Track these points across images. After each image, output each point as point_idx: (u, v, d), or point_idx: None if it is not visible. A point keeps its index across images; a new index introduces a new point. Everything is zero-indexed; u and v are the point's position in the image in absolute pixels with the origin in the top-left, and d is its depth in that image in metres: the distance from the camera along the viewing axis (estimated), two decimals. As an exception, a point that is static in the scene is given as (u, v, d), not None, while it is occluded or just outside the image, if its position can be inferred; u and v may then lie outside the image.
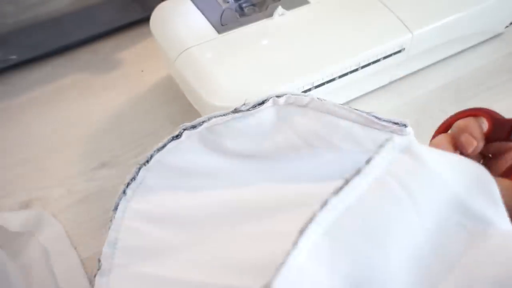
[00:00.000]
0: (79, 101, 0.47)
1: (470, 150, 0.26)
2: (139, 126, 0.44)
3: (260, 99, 0.30)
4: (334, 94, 0.41)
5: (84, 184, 0.40)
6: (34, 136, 0.44)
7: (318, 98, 0.29)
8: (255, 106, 0.30)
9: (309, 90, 0.38)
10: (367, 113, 0.28)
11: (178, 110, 0.45)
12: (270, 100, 0.30)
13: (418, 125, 0.42)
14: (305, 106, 0.30)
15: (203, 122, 0.30)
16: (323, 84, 0.38)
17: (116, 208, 0.30)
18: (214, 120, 0.30)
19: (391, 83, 0.45)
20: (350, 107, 0.29)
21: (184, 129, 0.30)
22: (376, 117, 0.28)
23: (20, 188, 0.40)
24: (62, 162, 0.41)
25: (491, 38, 0.49)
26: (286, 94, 0.30)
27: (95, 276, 0.28)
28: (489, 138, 0.27)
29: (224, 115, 0.30)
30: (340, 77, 0.39)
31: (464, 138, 0.26)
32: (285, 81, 0.37)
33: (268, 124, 0.31)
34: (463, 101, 0.44)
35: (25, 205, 0.38)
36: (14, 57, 0.48)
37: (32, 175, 0.41)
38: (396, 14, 0.41)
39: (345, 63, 0.38)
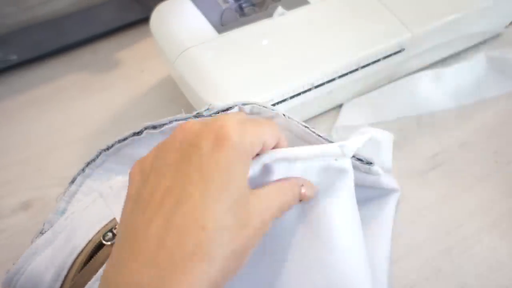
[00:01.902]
0: (79, 101, 0.47)
1: None
2: (139, 126, 0.44)
3: (225, 105, 0.30)
4: (333, 95, 0.41)
5: (84, 184, 0.40)
6: (34, 136, 0.44)
7: (284, 115, 0.29)
8: (218, 112, 0.29)
9: (309, 90, 0.38)
10: (324, 137, 0.29)
11: (178, 110, 0.45)
12: (235, 108, 0.30)
13: (418, 123, 0.42)
14: (270, 119, 0.30)
15: (163, 124, 0.31)
16: (323, 84, 0.38)
17: (72, 182, 0.33)
18: (175, 123, 0.30)
19: (390, 83, 0.45)
20: (312, 129, 0.29)
21: (146, 128, 0.31)
22: (329, 141, 0.29)
23: (20, 188, 0.40)
24: (62, 162, 0.41)
25: (491, 38, 0.49)
26: (252, 104, 0.30)
27: (36, 238, 0.29)
28: None
29: (186, 118, 0.30)
30: (340, 77, 0.39)
31: None
32: (285, 81, 0.37)
33: None
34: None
35: (25, 205, 0.38)
36: (14, 57, 0.48)
37: (32, 175, 0.41)
38: (396, 14, 0.41)
39: (345, 63, 0.38)
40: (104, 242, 0.28)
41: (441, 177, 0.38)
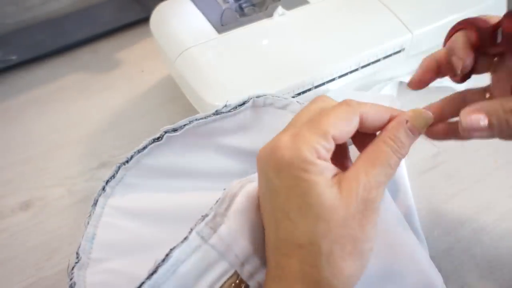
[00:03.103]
0: (79, 101, 0.47)
1: (459, 70, 0.26)
2: (139, 126, 0.44)
3: (240, 100, 0.31)
4: (333, 95, 0.41)
5: (84, 184, 0.40)
6: (34, 136, 0.44)
7: (297, 102, 0.30)
8: (236, 108, 0.30)
9: (309, 90, 0.38)
10: None
11: (178, 110, 0.45)
12: (250, 101, 0.31)
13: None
14: (283, 108, 0.31)
15: (184, 125, 0.31)
16: (323, 84, 0.38)
17: (95, 204, 0.32)
18: (195, 122, 0.30)
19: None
20: None
21: (166, 132, 0.31)
22: None
23: (20, 188, 0.40)
24: (62, 162, 0.42)
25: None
26: (265, 95, 0.31)
27: (73, 268, 0.28)
28: (480, 47, 0.26)
29: (205, 117, 0.30)
30: (340, 77, 0.39)
31: (452, 61, 0.26)
32: (285, 81, 0.37)
33: (247, 124, 0.31)
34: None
35: (25, 205, 0.38)
36: (14, 57, 0.48)
37: (32, 175, 0.41)
38: (396, 14, 0.41)
39: (345, 63, 0.38)
40: None
41: (441, 177, 0.38)
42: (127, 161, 0.31)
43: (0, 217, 0.38)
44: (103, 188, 0.32)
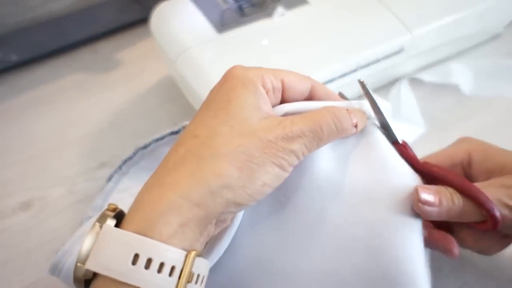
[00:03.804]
0: (79, 101, 0.47)
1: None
2: (139, 126, 0.44)
3: None
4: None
5: (84, 184, 0.40)
6: (34, 136, 0.44)
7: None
8: None
9: (309, 90, 0.38)
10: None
11: (178, 110, 0.45)
12: None
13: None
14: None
15: None
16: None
17: (109, 179, 0.33)
18: None
19: (390, 83, 0.45)
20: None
21: (184, 127, 0.31)
22: None
23: (20, 188, 0.40)
24: (62, 162, 0.41)
25: (490, 38, 0.49)
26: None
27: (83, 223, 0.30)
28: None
29: None
30: (340, 77, 0.39)
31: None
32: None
33: None
34: (464, 100, 0.45)
35: (26, 205, 0.38)
36: (14, 57, 0.48)
37: (32, 175, 0.41)
38: (395, 15, 0.41)
39: (345, 63, 0.39)
40: None
41: (441, 177, 0.38)
42: (145, 147, 0.32)
43: (0, 217, 0.38)
44: (120, 167, 0.33)
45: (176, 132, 0.31)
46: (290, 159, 0.22)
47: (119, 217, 0.21)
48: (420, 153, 0.40)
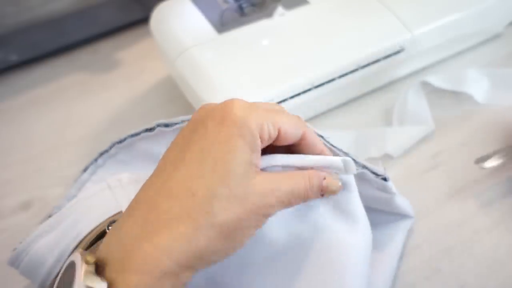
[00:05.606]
0: (79, 101, 0.47)
1: None
2: (139, 126, 0.44)
3: None
4: (333, 95, 0.41)
5: (84, 184, 0.40)
6: (34, 136, 0.44)
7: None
8: None
9: (309, 90, 0.38)
10: (338, 148, 0.30)
11: (178, 110, 0.45)
12: None
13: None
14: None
15: (176, 123, 0.31)
16: (323, 84, 0.38)
17: (84, 170, 0.34)
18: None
19: (390, 83, 0.45)
20: (327, 139, 0.30)
21: (158, 125, 0.32)
22: None
23: (20, 188, 0.40)
24: (62, 162, 0.42)
25: (490, 38, 0.49)
26: None
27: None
28: None
29: None
30: (340, 77, 0.39)
31: None
32: (285, 81, 0.37)
33: None
34: (464, 99, 0.44)
35: (25, 205, 0.38)
36: (14, 57, 0.48)
37: (32, 175, 0.41)
38: (395, 14, 0.41)
39: (345, 63, 0.39)
40: (107, 230, 0.28)
41: (441, 177, 0.38)
42: (120, 141, 0.33)
43: (0, 217, 0.38)
44: (96, 159, 0.34)
45: (150, 129, 0.32)
46: (266, 220, 0.23)
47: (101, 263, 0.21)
48: (420, 154, 0.40)
